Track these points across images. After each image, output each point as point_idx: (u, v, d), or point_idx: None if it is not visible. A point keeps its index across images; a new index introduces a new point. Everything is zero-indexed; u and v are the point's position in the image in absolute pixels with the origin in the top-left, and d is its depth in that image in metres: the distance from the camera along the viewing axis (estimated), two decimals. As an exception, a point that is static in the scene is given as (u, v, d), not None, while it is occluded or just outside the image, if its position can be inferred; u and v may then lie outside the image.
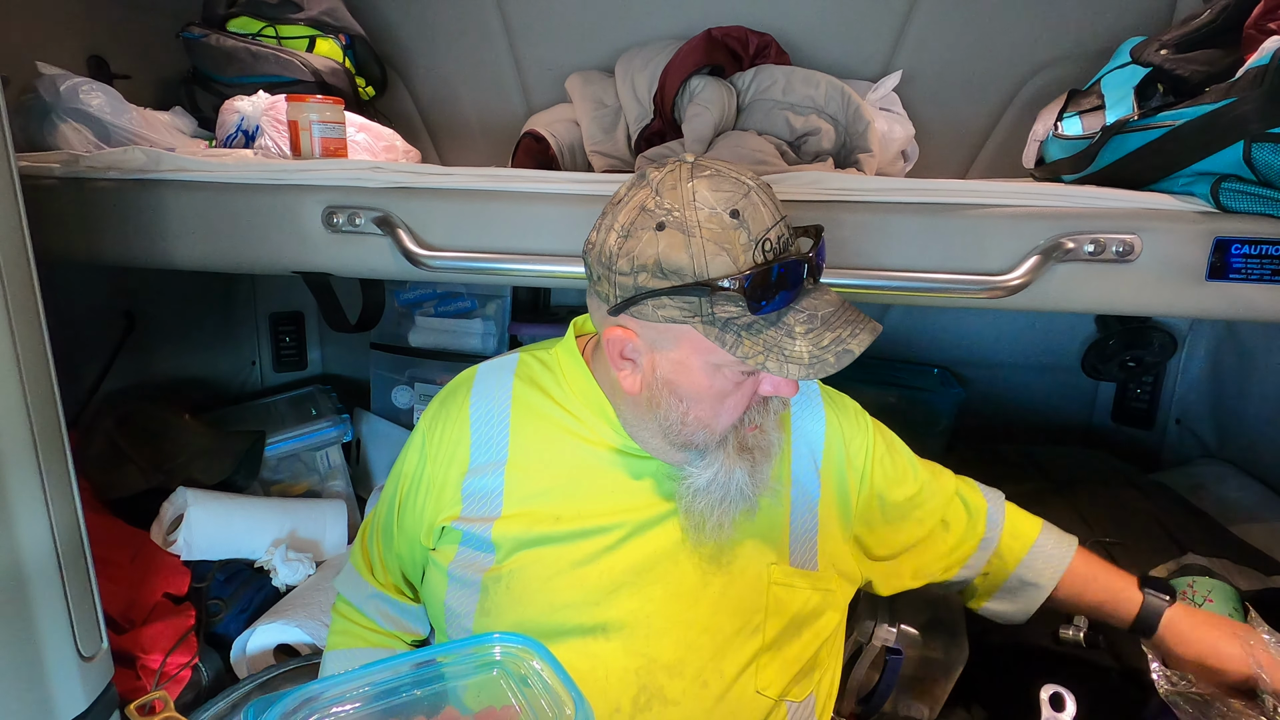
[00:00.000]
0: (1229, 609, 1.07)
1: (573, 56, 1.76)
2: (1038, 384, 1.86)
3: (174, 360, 1.77)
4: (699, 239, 0.72)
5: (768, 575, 0.86)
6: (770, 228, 0.73)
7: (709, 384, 0.78)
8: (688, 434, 0.81)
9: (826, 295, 0.78)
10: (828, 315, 0.75)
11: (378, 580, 0.99)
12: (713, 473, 0.82)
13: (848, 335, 0.74)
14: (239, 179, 1.07)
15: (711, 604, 0.84)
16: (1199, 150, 0.91)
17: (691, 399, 0.79)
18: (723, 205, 0.73)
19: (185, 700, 1.15)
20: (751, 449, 0.82)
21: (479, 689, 0.66)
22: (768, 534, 0.88)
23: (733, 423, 0.81)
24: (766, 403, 0.82)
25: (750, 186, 0.74)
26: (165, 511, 1.38)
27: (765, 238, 0.73)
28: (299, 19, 1.61)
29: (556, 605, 0.83)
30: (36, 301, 0.76)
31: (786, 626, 0.86)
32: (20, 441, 0.73)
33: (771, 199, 0.75)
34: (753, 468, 0.82)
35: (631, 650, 0.82)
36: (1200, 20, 1.10)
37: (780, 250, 0.73)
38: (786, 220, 0.75)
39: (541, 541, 0.85)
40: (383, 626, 0.99)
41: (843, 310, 0.77)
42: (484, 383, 0.94)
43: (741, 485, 0.81)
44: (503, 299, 1.85)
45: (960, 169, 1.71)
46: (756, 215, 0.73)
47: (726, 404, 0.79)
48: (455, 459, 0.90)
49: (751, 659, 0.84)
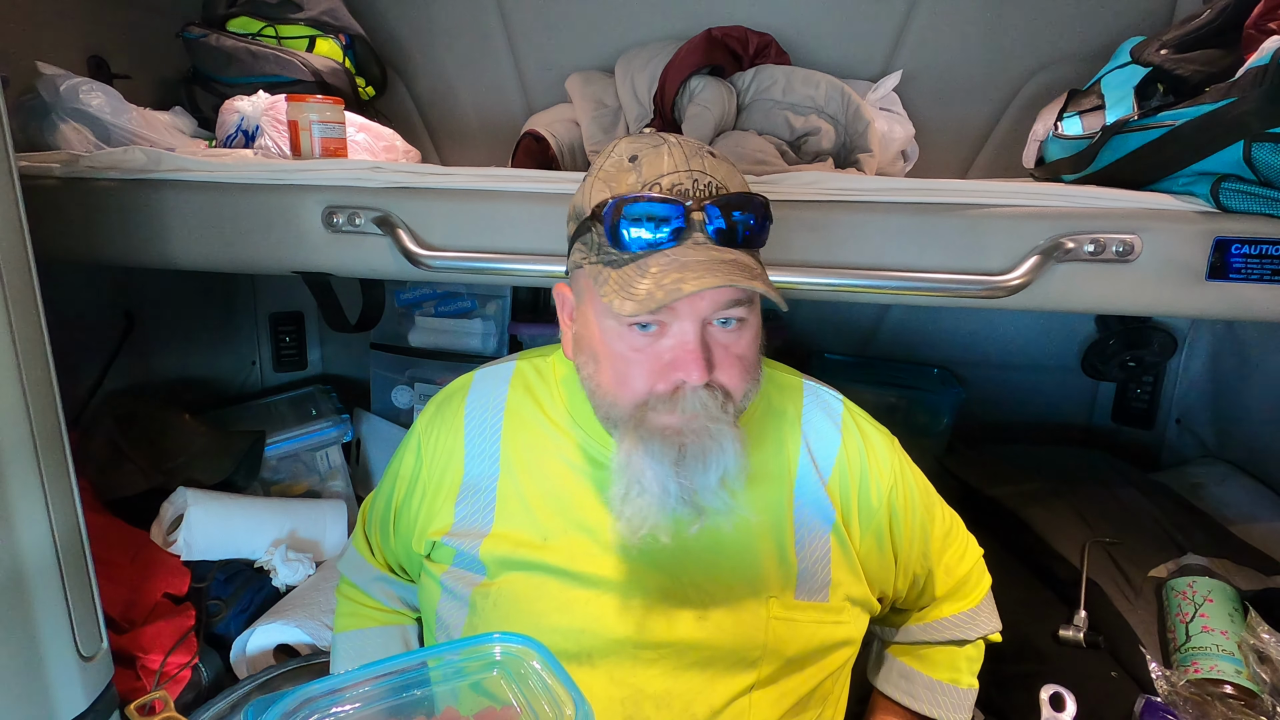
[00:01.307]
0: (1229, 609, 1.07)
1: (573, 56, 1.76)
2: (1038, 384, 1.86)
3: (174, 360, 1.77)
4: (592, 178, 0.74)
5: (766, 609, 0.80)
6: (665, 174, 0.70)
7: (603, 339, 0.74)
8: (601, 403, 0.77)
9: (715, 251, 0.69)
10: (693, 262, 0.68)
11: (378, 562, 0.99)
12: (621, 456, 0.75)
13: (694, 278, 0.66)
14: (239, 179, 1.07)
15: (703, 636, 0.79)
16: (1199, 150, 0.90)
17: (596, 358, 0.76)
18: (627, 153, 0.73)
19: (185, 700, 1.15)
20: (663, 439, 0.73)
21: (479, 689, 0.65)
22: (767, 564, 0.82)
23: (636, 397, 0.74)
24: (676, 391, 0.73)
25: (668, 142, 0.73)
26: (165, 511, 1.38)
27: (656, 182, 0.70)
28: (299, 19, 1.61)
29: (543, 628, 0.80)
30: (36, 301, 0.76)
31: (787, 662, 0.81)
32: (20, 441, 0.73)
33: (688, 155, 0.71)
34: (676, 467, 0.72)
35: (617, 680, 0.79)
36: (1200, 20, 1.10)
37: (671, 195, 0.70)
38: (704, 177, 0.71)
39: (528, 563, 0.82)
40: (388, 605, 0.99)
41: (718, 264, 0.68)
42: (479, 391, 0.92)
43: (661, 479, 0.73)
44: (503, 299, 1.85)
45: (960, 169, 1.71)
46: (655, 161, 0.71)
47: (631, 373, 0.73)
48: (450, 467, 0.88)
49: (743, 694, 0.80)
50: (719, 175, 0.72)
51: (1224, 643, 1.03)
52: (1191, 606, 1.08)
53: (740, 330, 0.74)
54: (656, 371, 0.73)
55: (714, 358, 0.72)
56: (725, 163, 0.75)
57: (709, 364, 0.71)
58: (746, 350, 0.75)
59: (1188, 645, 1.05)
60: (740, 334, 0.74)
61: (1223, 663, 1.01)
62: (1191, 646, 1.05)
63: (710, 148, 0.76)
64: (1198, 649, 1.04)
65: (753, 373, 0.77)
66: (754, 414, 0.87)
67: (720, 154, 0.76)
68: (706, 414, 0.72)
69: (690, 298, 0.68)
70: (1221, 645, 1.03)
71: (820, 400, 0.91)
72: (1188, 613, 1.08)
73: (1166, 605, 1.13)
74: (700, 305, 0.70)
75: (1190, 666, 1.03)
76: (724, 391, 0.73)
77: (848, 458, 0.87)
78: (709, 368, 0.71)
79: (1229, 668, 1.01)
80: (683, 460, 0.73)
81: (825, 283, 0.96)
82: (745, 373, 0.75)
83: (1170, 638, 1.09)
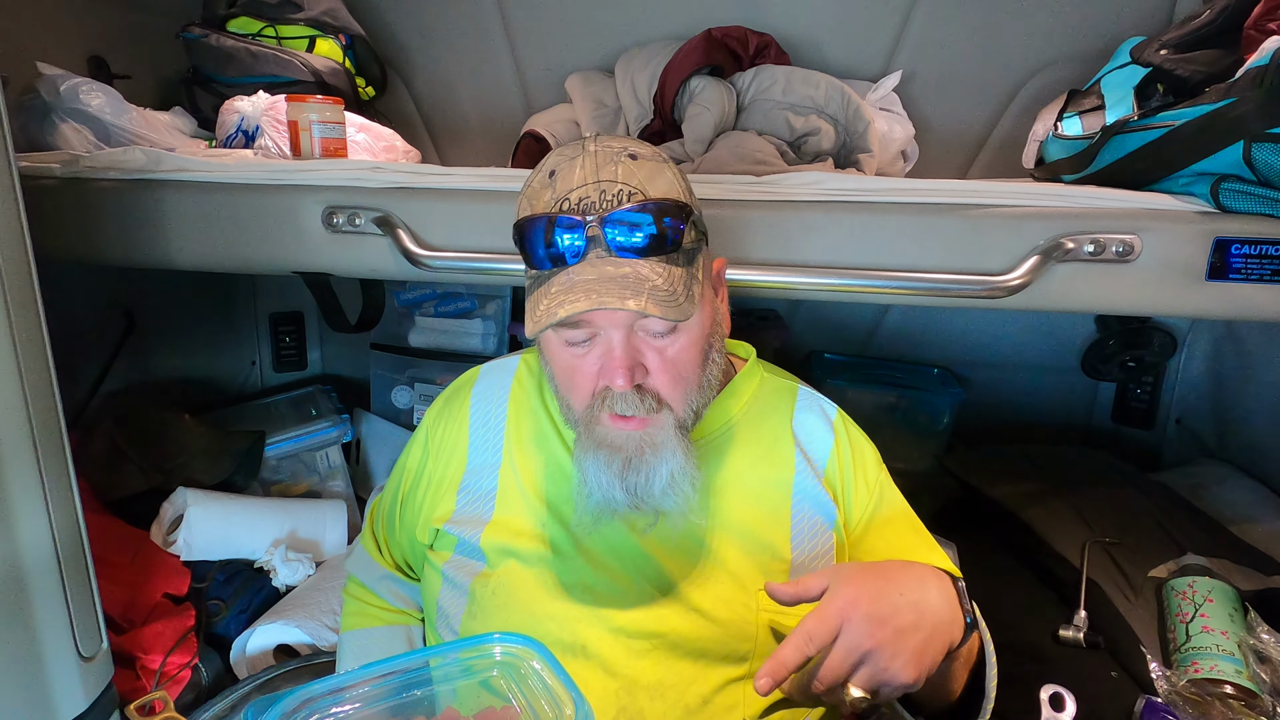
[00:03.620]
0: (1229, 609, 1.07)
1: (573, 56, 1.76)
2: (1038, 384, 1.86)
3: (174, 360, 1.77)
4: (521, 195, 0.76)
5: (755, 602, 0.82)
6: (575, 189, 0.71)
7: (549, 350, 0.78)
8: (563, 407, 0.81)
9: (610, 267, 0.70)
10: (581, 281, 0.69)
11: (386, 561, 1.01)
12: (575, 457, 0.79)
13: (571, 301, 0.69)
14: (239, 179, 1.07)
15: (695, 628, 0.81)
16: (1199, 150, 0.90)
17: (550, 366, 0.80)
18: (550, 166, 0.75)
19: (185, 700, 1.15)
20: (609, 449, 0.75)
21: (479, 689, 0.66)
22: (760, 558, 0.84)
23: (582, 402, 0.77)
24: (606, 395, 0.75)
25: (586, 151, 0.73)
26: (165, 511, 1.38)
27: (565, 198, 0.71)
28: (299, 19, 1.61)
29: (540, 618, 0.82)
30: (36, 301, 0.76)
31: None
32: (20, 441, 0.73)
33: (599, 165, 0.72)
34: (620, 477, 0.75)
35: (611, 671, 0.80)
36: (1200, 20, 1.10)
37: (576, 210, 0.71)
38: (614, 186, 0.71)
39: (526, 552, 0.84)
40: (395, 605, 1.00)
41: (606, 282, 0.69)
42: (485, 383, 0.95)
43: (605, 486, 0.75)
44: (503, 299, 1.85)
45: (960, 169, 1.71)
46: (568, 176, 0.72)
47: (574, 381, 0.77)
48: (454, 458, 0.91)
49: (736, 685, 0.81)
50: (635, 181, 0.72)
51: (1224, 643, 1.03)
52: (1191, 606, 1.08)
53: (673, 336, 0.74)
54: (593, 376, 0.75)
55: (646, 362, 0.74)
56: (652, 164, 0.74)
57: (635, 370, 0.73)
58: (681, 355, 0.75)
59: (1188, 645, 1.05)
60: (673, 339, 0.75)
61: (1223, 663, 1.01)
62: (1191, 646, 1.05)
63: (637, 149, 0.75)
64: (1198, 649, 1.04)
65: (690, 378, 0.77)
66: (745, 412, 0.89)
67: (652, 155, 0.75)
68: (641, 414, 0.74)
69: (603, 310, 0.70)
70: (1221, 645, 1.03)
71: (814, 403, 0.93)
72: (1188, 613, 1.08)
73: (1166, 605, 1.13)
74: (616, 316, 0.72)
75: (1190, 666, 1.03)
76: (656, 397, 0.75)
77: (839, 458, 0.89)
78: (635, 373, 0.73)
79: (1229, 668, 1.01)
80: (626, 473, 0.75)
81: (825, 283, 0.97)
82: (680, 378, 0.75)
83: (1170, 638, 1.09)
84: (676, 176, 0.76)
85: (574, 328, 0.73)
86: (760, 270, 0.96)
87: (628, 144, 0.75)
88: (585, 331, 0.74)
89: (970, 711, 0.79)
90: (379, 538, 1.02)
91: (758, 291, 0.99)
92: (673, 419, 0.76)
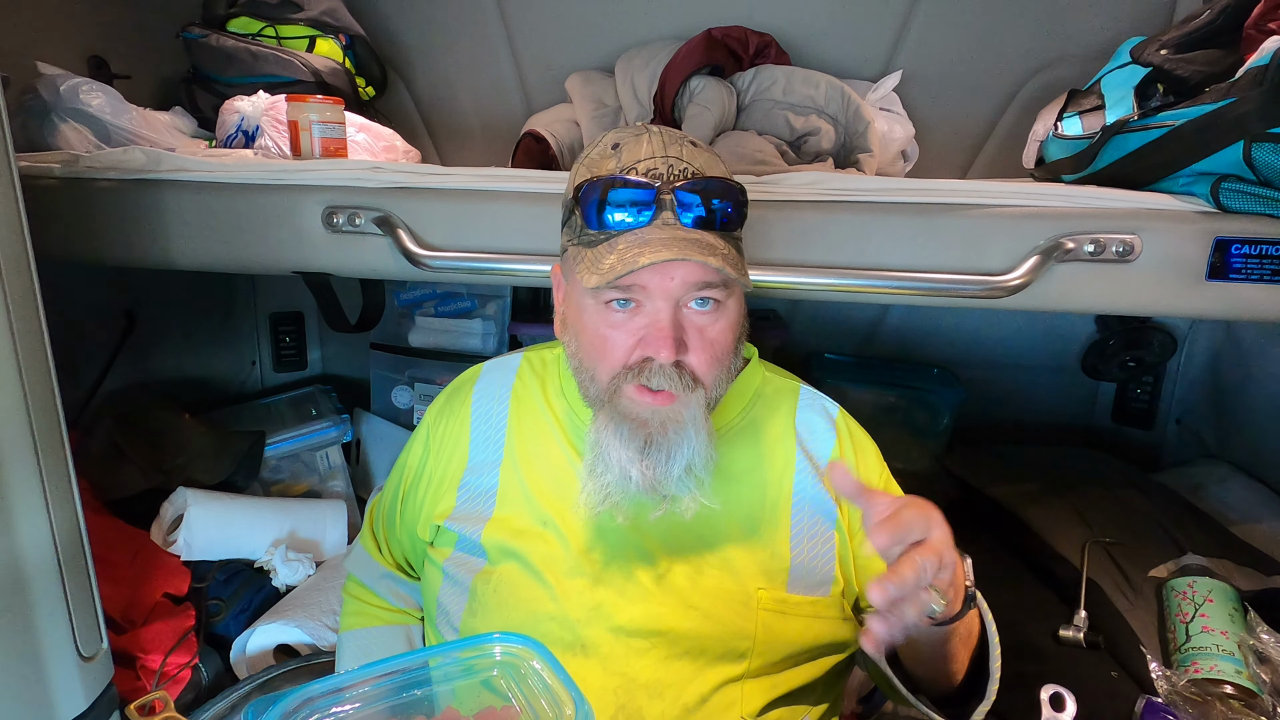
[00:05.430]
0: (1229, 609, 1.07)
1: (573, 56, 1.76)
2: (1038, 384, 1.86)
3: (174, 360, 1.77)
4: (579, 165, 0.79)
5: (755, 600, 0.81)
6: (643, 159, 0.73)
7: (583, 316, 0.78)
8: (582, 380, 0.80)
9: (680, 231, 0.71)
10: (655, 239, 0.71)
11: (386, 560, 1.01)
12: (593, 433, 0.78)
13: (651, 252, 0.69)
14: (239, 179, 1.07)
15: (693, 626, 0.80)
16: (1199, 150, 0.90)
17: (580, 334, 0.79)
18: (611, 141, 0.77)
19: (185, 700, 1.15)
20: (632, 425, 0.75)
21: (479, 689, 0.66)
22: (758, 556, 0.83)
23: (611, 370, 0.76)
24: (645, 364, 0.74)
25: (650, 131, 0.76)
26: (165, 511, 1.38)
27: (633, 166, 0.73)
28: (299, 19, 1.61)
29: (539, 615, 0.82)
30: (36, 301, 0.76)
31: (780, 655, 0.82)
32: (20, 441, 0.73)
33: (666, 143, 0.75)
34: (640, 455, 0.75)
35: (610, 669, 0.80)
36: (1200, 20, 1.10)
37: (647, 178, 0.73)
38: (679, 163, 0.73)
39: (527, 550, 0.84)
40: (394, 605, 1.01)
41: (678, 241, 0.70)
42: (486, 381, 0.95)
43: (623, 463, 0.75)
44: (503, 299, 1.85)
45: (960, 169, 1.71)
46: (634, 148, 0.75)
47: (607, 347, 0.76)
48: (456, 455, 0.91)
49: (735, 684, 0.81)
50: (697, 163, 0.75)
51: (1224, 643, 1.03)
52: (1191, 606, 1.08)
53: (715, 314, 0.76)
54: (629, 347, 0.75)
55: (687, 339, 0.75)
56: (707, 153, 0.78)
57: (679, 344, 0.73)
58: (720, 336, 0.76)
59: (1188, 645, 1.05)
60: (715, 318, 0.76)
61: (1223, 663, 1.01)
62: (1191, 646, 1.05)
63: (695, 139, 0.79)
64: (1198, 649, 1.04)
65: (724, 361, 0.78)
66: (748, 410, 0.89)
67: (706, 147, 0.79)
68: (674, 390, 0.74)
69: (661, 277, 0.71)
70: (1221, 645, 1.03)
71: (816, 402, 0.93)
72: (1188, 613, 1.08)
73: (1166, 605, 1.13)
74: (670, 285, 0.72)
75: (1190, 666, 1.03)
76: (692, 375, 0.75)
77: (841, 457, 0.89)
78: (679, 348, 0.73)
79: (1229, 668, 1.01)
80: (647, 450, 0.75)
81: (825, 283, 0.97)
82: (716, 359, 0.76)
83: (1170, 638, 1.09)
84: (726, 170, 0.79)
85: (625, 291, 0.73)
86: (760, 270, 0.96)
87: (684, 133, 0.79)
88: (635, 296, 0.74)
89: (973, 696, 0.79)
90: (379, 536, 1.02)
91: (758, 291, 0.99)
92: (704, 398, 0.76)
